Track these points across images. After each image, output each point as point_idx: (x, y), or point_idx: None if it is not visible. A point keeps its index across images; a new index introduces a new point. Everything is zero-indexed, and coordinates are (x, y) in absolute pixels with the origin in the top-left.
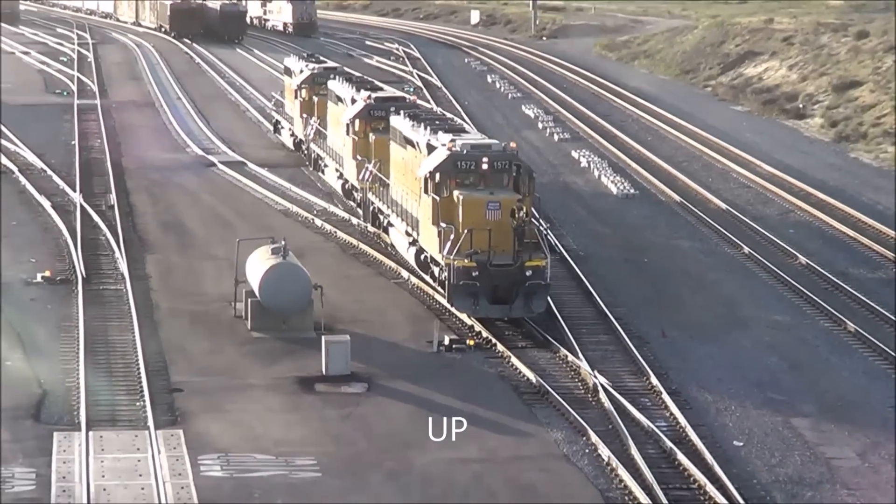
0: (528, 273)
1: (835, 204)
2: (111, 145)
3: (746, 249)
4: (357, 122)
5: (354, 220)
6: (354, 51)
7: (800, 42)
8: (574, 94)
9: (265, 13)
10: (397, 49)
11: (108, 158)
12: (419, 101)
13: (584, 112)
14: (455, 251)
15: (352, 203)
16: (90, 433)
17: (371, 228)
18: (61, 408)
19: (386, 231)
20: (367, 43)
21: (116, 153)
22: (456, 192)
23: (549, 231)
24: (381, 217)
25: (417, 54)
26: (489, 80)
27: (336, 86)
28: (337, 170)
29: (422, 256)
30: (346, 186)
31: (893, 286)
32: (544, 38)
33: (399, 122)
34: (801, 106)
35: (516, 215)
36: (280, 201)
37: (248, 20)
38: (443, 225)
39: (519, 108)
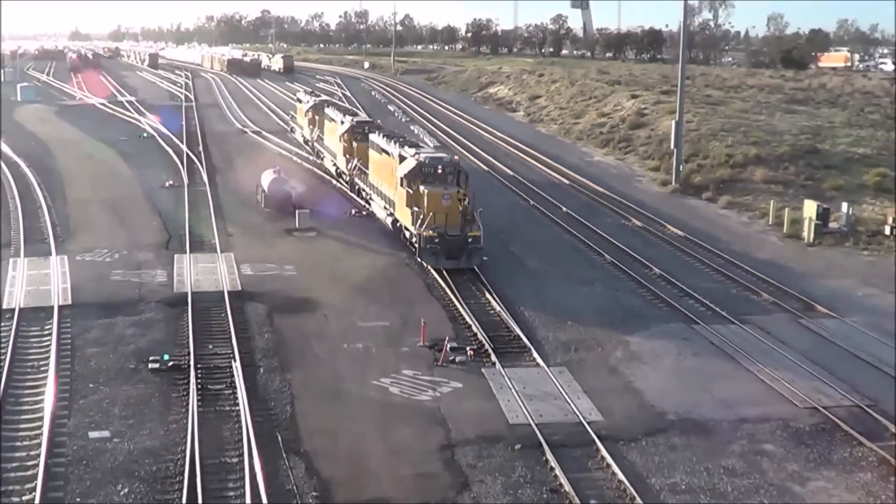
0: (470, 240)
1: (542, 158)
2: (198, 123)
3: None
4: (346, 134)
5: (312, 158)
6: (313, 81)
7: (513, 77)
8: (413, 100)
9: (270, 62)
10: (332, 80)
11: (197, 130)
12: (379, 122)
13: (419, 109)
14: (424, 226)
15: (341, 181)
16: (191, 255)
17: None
18: (177, 243)
19: (367, 202)
20: (318, 76)
21: (200, 127)
22: (422, 188)
23: (480, 213)
24: (364, 193)
25: (340, 82)
26: (372, 93)
27: (331, 111)
28: (332, 161)
29: (397, 224)
30: (338, 171)
31: (596, 216)
32: (398, 75)
33: (376, 137)
34: (513, 106)
35: (461, 203)
36: (277, 148)
37: (261, 66)
38: (415, 208)
39: (385, 106)
